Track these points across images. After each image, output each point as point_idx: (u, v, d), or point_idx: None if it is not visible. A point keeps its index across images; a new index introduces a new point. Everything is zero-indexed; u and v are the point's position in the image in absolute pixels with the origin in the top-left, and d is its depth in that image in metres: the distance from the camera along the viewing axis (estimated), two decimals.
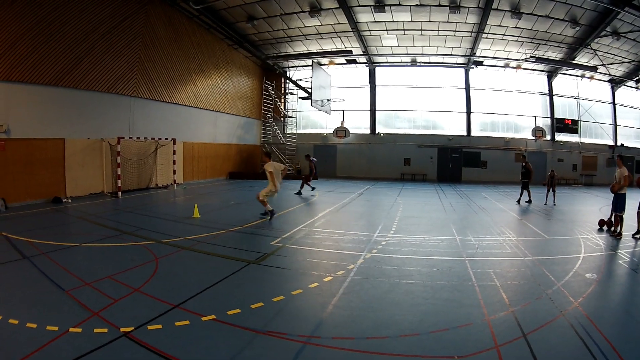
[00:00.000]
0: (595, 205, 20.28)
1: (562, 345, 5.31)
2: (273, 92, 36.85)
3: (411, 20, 27.25)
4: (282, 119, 37.69)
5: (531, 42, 29.13)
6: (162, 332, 5.50)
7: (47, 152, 17.50)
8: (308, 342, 5.33)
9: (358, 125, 37.26)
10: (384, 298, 7.03)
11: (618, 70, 32.90)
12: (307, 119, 38.99)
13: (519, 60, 32.22)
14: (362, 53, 33.29)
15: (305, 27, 29.03)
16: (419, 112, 36.68)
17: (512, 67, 33.67)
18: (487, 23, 26.33)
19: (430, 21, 27.15)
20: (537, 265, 9.07)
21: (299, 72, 36.62)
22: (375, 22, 27.83)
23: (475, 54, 31.69)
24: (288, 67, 37.36)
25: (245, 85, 34.80)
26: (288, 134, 37.42)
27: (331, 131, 37.01)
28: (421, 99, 36.23)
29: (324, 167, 37.00)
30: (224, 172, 31.90)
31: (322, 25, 28.55)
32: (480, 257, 9.74)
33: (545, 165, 33.33)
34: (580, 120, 35.29)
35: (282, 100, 37.96)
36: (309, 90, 30.88)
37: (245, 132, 35.55)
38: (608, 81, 35.30)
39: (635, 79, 33.31)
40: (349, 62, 36.00)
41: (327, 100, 32.92)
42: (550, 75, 35.01)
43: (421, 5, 24.81)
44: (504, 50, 31.47)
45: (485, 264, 9.17)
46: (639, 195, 12.34)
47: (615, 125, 35.87)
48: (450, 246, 10.94)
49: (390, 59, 35.43)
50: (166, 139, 23.82)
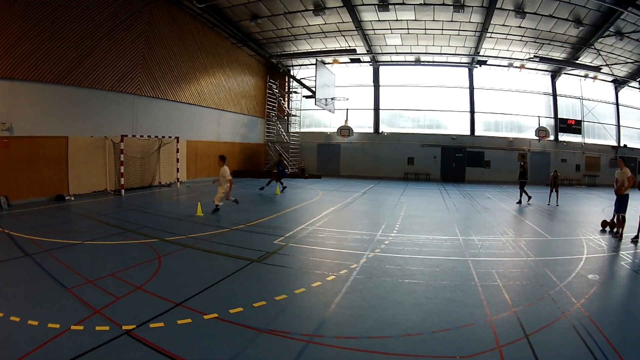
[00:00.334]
0: (598, 206, 20.25)
1: (564, 346, 5.32)
2: (277, 91, 36.88)
3: (415, 19, 27.21)
4: (285, 117, 37.66)
5: (535, 42, 29.06)
6: (164, 330, 5.51)
7: (51, 150, 17.53)
8: (310, 341, 5.34)
9: (362, 124, 37.21)
10: (386, 297, 7.04)
11: (621, 71, 32.77)
12: (310, 117, 38.96)
13: (523, 59, 32.15)
14: (366, 52, 33.28)
15: (309, 25, 29.00)
16: (422, 112, 36.62)
17: (516, 67, 33.61)
18: (491, 22, 26.27)
19: (434, 20, 27.11)
20: (540, 265, 9.07)
21: (302, 71, 36.54)
22: (379, 21, 27.78)
23: (479, 53, 31.62)
24: (292, 66, 37.28)
25: (249, 84, 34.81)
26: (292, 132, 37.43)
27: (335, 130, 36.97)
28: (425, 98, 36.14)
29: (327, 166, 37.15)
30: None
31: (326, 24, 28.52)
32: (483, 257, 9.75)
33: (549, 166, 33.31)
34: (583, 121, 35.22)
35: (286, 99, 37.94)
36: (313, 89, 30.87)
37: (249, 131, 35.57)
38: (611, 81, 35.20)
39: (638, 80, 33.17)
40: (353, 60, 35.98)
41: (331, 99, 32.92)
42: (554, 75, 34.92)
43: (425, 4, 24.76)
44: (507, 50, 31.40)
45: (488, 264, 9.18)
46: None
47: (618, 125, 35.77)
48: (453, 246, 10.94)
49: (394, 58, 35.37)
50: (169, 137, 23.83)
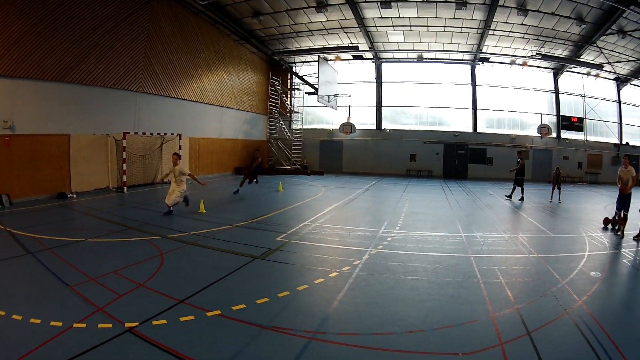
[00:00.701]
0: (600, 204, 20.25)
1: (566, 343, 5.34)
2: (279, 88, 36.89)
3: (417, 16, 27.17)
4: (288, 114, 37.71)
5: (537, 39, 29.00)
6: (167, 327, 5.54)
7: (53, 148, 17.54)
8: (313, 338, 5.37)
9: (364, 121, 37.24)
10: (389, 294, 7.07)
11: (623, 69, 32.72)
12: (313, 114, 38.97)
13: (525, 57, 32.07)
14: (368, 49, 33.26)
15: (311, 22, 28.96)
16: (425, 108, 36.62)
17: (519, 64, 33.49)
18: (494, 20, 26.23)
19: (436, 17, 27.07)
20: (542, 262, 9.09)
21: (305, 68, 36.46)
22: (381, 17, 27.76)
23: (481, 50, 31.61)
24: (294, 63, 37.25)
25: (251, 81, 34.80)
26: (294, 129, 37.47)
27: (337, 127, 37.04)
28: (427, 95, 36.15)
29: (330, 163, 37.18)
30: (230, 167, 31.94)
31: (328, 20, 28.48)
32: (485, 254, 9.78)
33: (551, 163, 33.32)
34: (585, 118, 35.16)
35: (289, 96, 38.00)
36: (316, 86, 30.83)
37: (252, 128, 35.58)
38: (613, 79, 35.10)
39: None
40: (355, 57, 36.00)
41: (334, 95, 32.92)
42: (556, 73, 34.87)
43: (427, 1, 24.71)
44: (510, 47, 31.35)
45: (491, 261, 9.20)
46: None
47: (620, 123, 35.69)
48: (455, 243, 10.96)
49: (397, 54, 35.38)
50: (172, 134, 23.85)
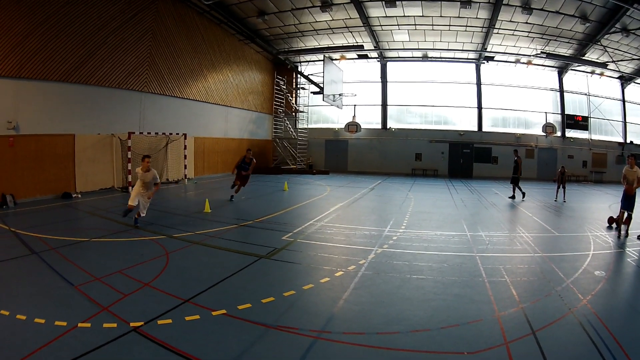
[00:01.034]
0: (604, 203, 20.18)
1: (570, 342, 5.36)
2: (284, 87, 36.98)
3: (422, 15, 27.16)
4: (293, 113, 37.78)
5: (542, 38, 28.94)
6: (172, 326, 5.57)
7: (57, 148, 17.62)
8: (319, 337, 5.40)
9: (369, 120, 37.28)
10: (394, 293, 7.10)
11: (628, 67, 32.60)
12: (318, 113, 39.00)
13: (530, 56, 31.96)
14: (373, 48, 33.28)
15: (316, 22, 29.00)
16: (430, 107, 36.62)
17: (523, 63, 33.43)
18: (498, 18, 26.21)
19: (441, 16, 27.05)
20: (547, 262, 9.11)
21: (310, 67, 36.51)
22: (386, 16, 27.75)
23: (486, 49, 31.58)
24: (299, 62, 37.28)
25: (256, 80, 34.87)
26: (299, 128, 37.53)
27: (343, 126, 37.09)
28: (432, 94, 36.17)
29: (335, 162, 37.22)
30: (234, 167, 31.84)
31: (333, 20, 28.50)
32: (490, 253, 9.79)
33: (556, 162, 33.28)
34: (590, 117, 35.08)
35: (294, 95, 38.06)
36: (321, 85, 30.89)
37: (257, 127, 35.65)
38: (618, 78, 34.95)
39: None
40: (360, 57, 36.01)
41: (339, 95, 32.94)
42: (561, 72, 34.78)
43: (432, 0, 24.74)
44: (514, 46, 31.29)
45: (496, 260, 9.22)
46: None
47: (624, 122, 35.56)
48: (461, 242, 10.98)
49: (402, 54, 35.39)
50: (177, 134, 23.94)
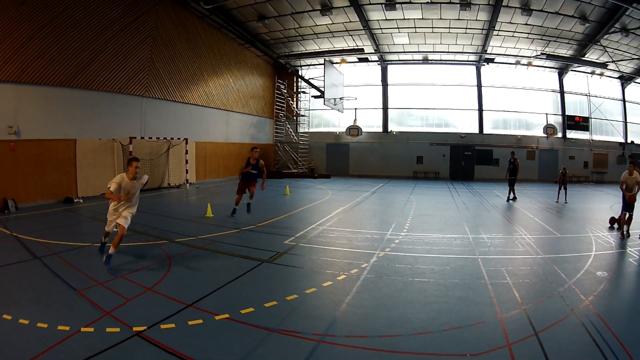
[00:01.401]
0: (606, 203, 20.19)
1: (573, 343, 5.36)
2: (285, 91, 37.06)
3: (422, 18, 27.24)
4: (294, 117, 37.83)
5: (542, 39, 28.99)
6: (175, 331, 5.57)
7: (59, 153, 17.70)
8: (322, 341, 5.41)
9: (370, 123, 37.29)
10: (397, 296, 7.10)
11: (627, 67, 32.66)
12: (319, 117, 39.05)
13: (530, 57, 32.06)
14: (373, 51, 33.35)
15: (316, 25, 29.07)
16: (431, 110, 36.65)
17: (523, 64, 33.51)
18: (498, 20, 26.26)
19: (441, 19, 27.12)
20: (549, 263, 9.11)
21: (311, 71, 36.64)
22: (386, 19, 27.81)
23: (486, 51, 31.61)
24: (300, 66, 37.38)
25: (257, 84, 34.95)
26: (301, 132, 37.56)
27: (344, 129, 37.13)
28: (433, 96, 36.18)
29: (336, 166, 37.26)
30: (236, 171, 31.83)
31: (333, 23, 28.59)
32: (492, 255, 9.80)
33: (557, 163, 33.30)
34: (590, 118, 35.11)
35: (295, 99, 38.09)
36: (321, 89, 30.94)
37: (258, 131, 35.72)
38: (618, 78, 35.02)
39: None
40: (360, 60, 36.04)
41: (340, 98, 32.98)
42: (561, 72, 34.81)
43: (432, 2, 24.76)
44: (514, 48, 31.34)
45: (498, 262, 9.23)
46: None
47: (625, 122, 35.61)
48: (463, 244, 10.98)
49: (402, 56, 35.42)
50: (178, 138, 24.01)
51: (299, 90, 37.97)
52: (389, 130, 36.87)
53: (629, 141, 34.82)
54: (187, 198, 20.29)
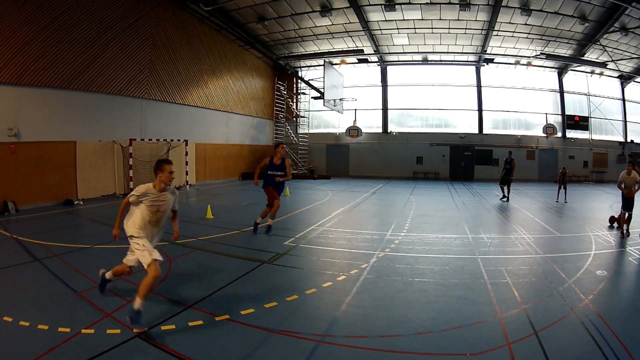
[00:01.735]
0: (606, 202, 20.20)
1: (572, 342, 5.37)
2: (285, 92, 37.09)
3: (422, 19, 27.26)
4: (294, 119, 37.89)
5: (541, 39, 29.01)
6: (176, 332, 5.57)
7: (59, 155, 17.68)
8: (322, 341, 5.41)
9: (370, 124, 37.31)
10: (397, 296, 7.10)
11: (627, 66, 32.69)
12: (319, 118, 39.09)
13: (529, 57, 32.08)
14: (373, 52, 33.37)
15: (316, 26, 29.10)
16: (431, 111, 36.67)
17: (523, 64, 33.53)
18: (497, 20, 26.29)
19: (440, 19, 27.15)
20: (549, 262, 9.11)
21: (310, 72, 36.69)
22: (386, 20, 27.84)
23: (486, 51, 31.64)
24: (300, 67, 37.43)
25: (257, 86, 34.97)
26: (300, 134, 37.61)
27: (344, 130, 37.13)
28: (433, 97, 36.19)
29: (336, 167, 37.27)
30: (236, 172, 32.06)
31: (333, 24, 28.62)
32: (492, 255, 9.80)
33: (557, 163, 33.30)
34: (590, 117, 35.14)
35: (294, 100, 38.13)
36: (321, 90, 30.98)
37: (258, 133, 35.75)
38: (617, 77, 35.04)
39: None
40: (360, 61, 36.07)
41: (339, 99, 33.02)
42: (561, 72, 34.82)
43: (431, 3, 24.80)
44: (514, 48, 31.37)
45: (498, 261, 9.23)
46: None
47: (625, 121, 35.63)
48: (462, 244, 10.98)
49: (402, 57, 35.45)
50: (178, 140, 24.02)
51: (299, 91, 38.05)
52: (388, 131, 36.90)
53: (628, 140, 34.84)
54: (187, 199, 20.27)
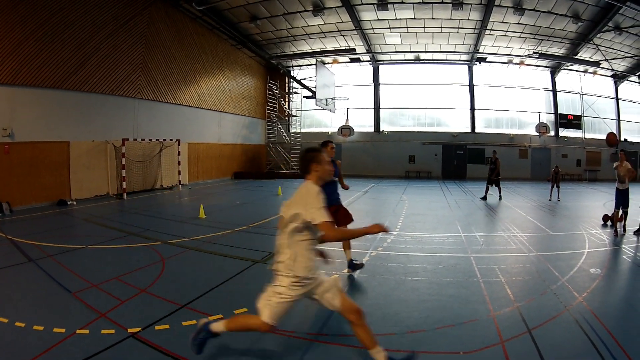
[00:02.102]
0: (599, 201, 20.29)
1: (566, 340, 5.35)
2: (277, 92, 36.99)
3: (414, 18, 27.26)
4: (286, 118, 37.80)
5: (534, 38, 29.09)
6: (170, 332, 5.55)
7: (52, 155, 17.57)
8: (316, 340, 5.39)
9: (362, 123, 37.30)
10: (390, 295, 7.09)
11: (621, 65, 32.82)
12: (311, 118, 39.03)
13: (522, 56, 32.17)
14: (365, 51, 33.36)
15: (308, 26, 29.04)
16: (423, 110, 36.73)
17: (516, 64, 33.59)
18: (490, 19, 26.33)
19: (433, 18, 27.16)
20: (542, 261, 9.11)
21: (303, 71, 36.63)
22: (378, 20, 27.82)
23: (478, 50, 31.72)
24: (292, 67, 37.36)
25: (249, 85, 34.89)
26: (293, 133, 37.49)
27: (336, 130, 37.06)
28: (425, 96, 36.23)
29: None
30: (229, 172, 31.98)
31: (325, 24, 28.57)
32: (485, 254, 9.80)
33: (550, 161, 33.41)
34: (583, 116, 35.29)
35: (287, 100, 38.06)
36: (313, 89, 30.95)
37: (250, 132, 35.66)
38: (611, 76, 35.21)
39: (638, 74, 33.17)
40: (352, 60, 36.06)
41: (332, 98, 32.99)
42: (554, 71, 34.97)
43: (424, 2, 24.80)
44: (507, 47, 31.42)
45: (491, 260, 9.23)
46: None
47: (618, 120, 35.81)
48: (455, 243, 10.98)
49: (394, 56, 35.48)
50: (171, 140, 23.93)
51: (291, 90, 37.96)
52: (381, 130, 36.91)
53: (622, 139, 34.95)
54: (180, 199, 20.20)
